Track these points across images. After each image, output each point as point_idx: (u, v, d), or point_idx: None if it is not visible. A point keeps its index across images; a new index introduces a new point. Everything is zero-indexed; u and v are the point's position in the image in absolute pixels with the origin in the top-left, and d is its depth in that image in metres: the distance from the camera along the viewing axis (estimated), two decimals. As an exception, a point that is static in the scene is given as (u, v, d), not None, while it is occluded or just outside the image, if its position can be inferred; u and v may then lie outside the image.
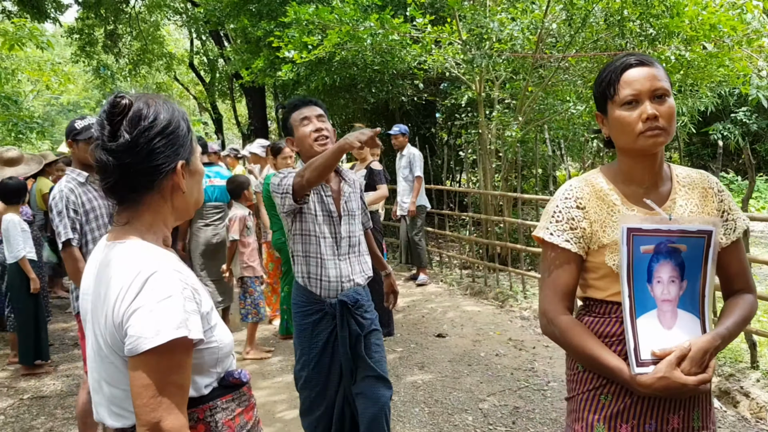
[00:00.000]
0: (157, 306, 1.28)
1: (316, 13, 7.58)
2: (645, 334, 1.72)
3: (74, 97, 32.83)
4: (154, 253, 1.38)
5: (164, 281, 1.31)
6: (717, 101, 12.87)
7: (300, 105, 3.13)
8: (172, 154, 1.43)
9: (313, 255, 3.01)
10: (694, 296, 1.76)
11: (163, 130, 1.42)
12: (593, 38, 7.70)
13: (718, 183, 1.91)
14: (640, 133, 1.75)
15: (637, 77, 1.76)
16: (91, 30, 17.55)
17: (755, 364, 4.61)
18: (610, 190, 1.86)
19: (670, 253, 1.73)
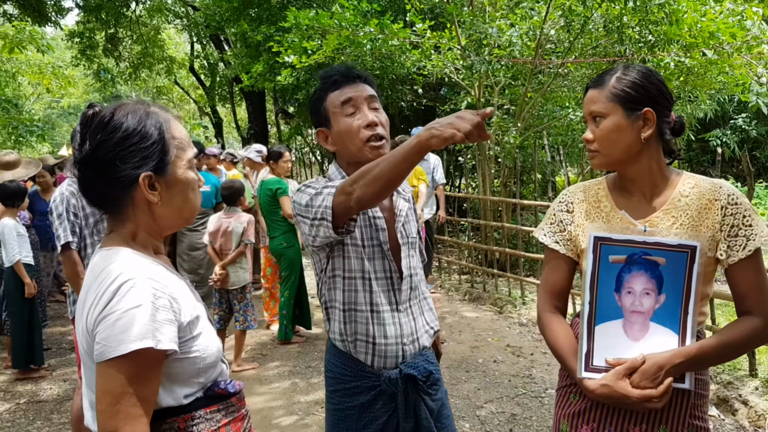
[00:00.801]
0: (124, 315, 1.26)
1: (316, 18, 7.58)
2: (603, 341, 1.74)
3: (75, 101, 32.88)
4: (133, 262, 1.36)
5: (136, 290, 1.29)
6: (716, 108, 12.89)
7: (341, 81, 2.09)
8: (132, 165, 1.38)
9: (361, 306, 2.06)
10: (674, 311, 1.73)
11: (123, 141, 1.38)
12: (592, 44, 7.71)
13: (731, 196, 1.77)
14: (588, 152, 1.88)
15: (586, 101, 1.86)
16: (92, 33, 17.56)
17: (754, 372, 4.59)
18: (605, 197, 1.89)
19: (646, 264, 1.72)
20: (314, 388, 5.08)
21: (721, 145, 13.70)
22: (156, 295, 1.31)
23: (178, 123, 1.48)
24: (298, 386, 5.13)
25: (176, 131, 1.45)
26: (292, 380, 5.26)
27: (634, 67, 1.82)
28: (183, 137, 1.46)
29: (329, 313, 2.14)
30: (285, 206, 6.03)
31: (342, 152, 2.11)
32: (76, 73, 24.12)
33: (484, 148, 8.50)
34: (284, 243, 6.15)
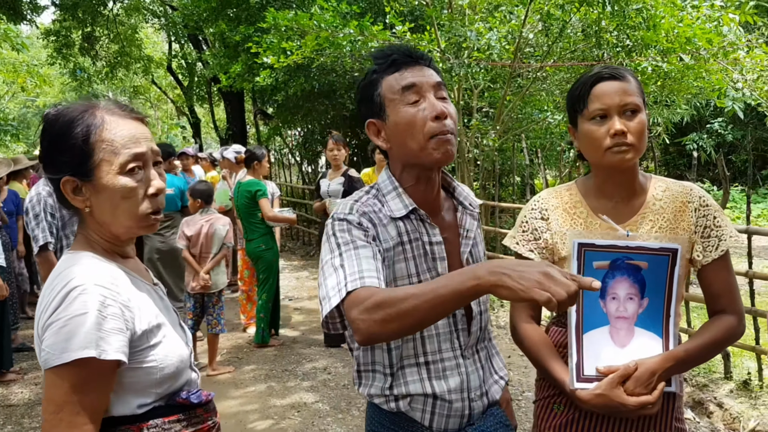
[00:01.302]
0: (69, 322, 1.24)
1: (295, 19, 7.53)
2: (592, 350, 1.70)
3: (51, 99, 32.46)
4: (89, 267, 1.33)
5: (84, 297, 1.26)
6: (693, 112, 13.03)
7: (401, 62, 1.62)
8: (56, 169, 1.38)
9: (414, 357, 1.61)
10: (656, 315, 1.72)
11: (51, 144, 1.39)
12: (571, 48, 7.75)
13: (702, 198, 1.81)
14: (607, 148, 1.71)
15: (607, 91, 1.71)
16: (68, 32, 17.33)
17: (728, 375, 4.63)
18: (579, 202, 1.84)
19: (628, 269, 1.70)
20: (290, 391, 5.03)
21: (697, 149, 13.86)
22: (105, 303, 1.27)
23: (122, 125, 1.39)
24: (274, 390, 5.09)
25: (110, 134, 1.37)
26: (268, 384, 5.22)
27: None
28: (117, 141, 1.37)
29: (362, 377, 1.68)
30: (264, 208, 5.97)
31: (398, 151, 1.64)
32: (52, 71, 23.83)
33: (463, 151, 8.51)
34: (262, 245, 6.09)
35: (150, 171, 1.42)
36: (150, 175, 1.42)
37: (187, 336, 1.56)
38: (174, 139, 27.60)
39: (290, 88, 10.04)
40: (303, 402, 4.82)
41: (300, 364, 5.68)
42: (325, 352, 5.96)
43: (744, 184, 14.84)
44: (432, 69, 1.65)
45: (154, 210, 1.42)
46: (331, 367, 5.53)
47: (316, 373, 5.41)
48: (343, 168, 6.15)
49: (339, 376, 5.30)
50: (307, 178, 15.11)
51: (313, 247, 11.82)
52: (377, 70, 1.66)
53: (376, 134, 1.66)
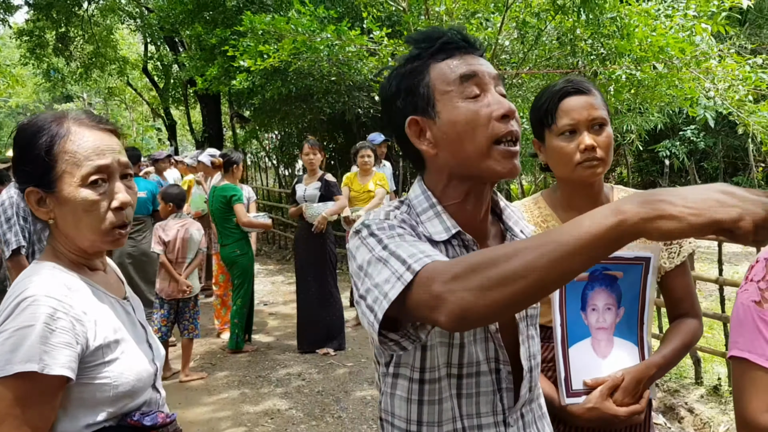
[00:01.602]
0: (14, 334, 1.20)
1: (272, 23, 7.51)
2: (577, 363, 1.69)
3: (23, 100, 32.01)
4: (45, 278, 1.30)
5: (32, 308, 1.23)
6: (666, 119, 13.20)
7: (453, 46, 1.28)
8: (22, 179, 1.37)
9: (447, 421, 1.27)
10: (632, 323, 1.75)
11: (18, 154, 1.37)
12: (546, 56, 7.81)
13: None
14: (578, 163, 1.71)
15: (575, 106, 1.71)
16: (42, 32, 17.12)
17: (699, 380, 4.68)
18: (549, 216, 1.82)
19: (605, 280, 1.71)
20: (263, 398, 5.00)
21: (669, 156, 14.04)
22: (54, 315, 1.24)
23: (88, 136, 1.36)
24: (247, 396, 5.05)
25: (73, 145, 1.34)
26: (241, 390, 5.17)
27: None
28: (80, 152, 1.34)
29: (384, 428, 1.36)
30: (239, 213, 5.94)
31: (449, 156, 1.26)
32: (25, 72, 23.49)
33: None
34: (237, 251, 6.05)
35: (115, 184, 1.38)
36: (115, 188, 1.37)
37: (155, 353, 1.51)
38: (149, 141, 27.38)
39: (267, 91, 10.00)
40: (276, 409, 4.79)
41: (274, 370, 5.64)
42: (299, 358, 5.93)
43: (716, 191, 15.03)
44: (483, 57, 1.32)
45: (119, 224, 1.38)
46: (305, 373, 5.50)
47: (290, 379, 5.38)
48: (319, 173, 6.14)
49: (313, 383, 5.28)
50: (284, 181, 15.07)
51: (289, 251, 11.77)
52: (421, 55, 1.29)
53: (418, 135, 1.29)
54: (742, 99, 6.82)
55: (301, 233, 6.19)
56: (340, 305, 6.17)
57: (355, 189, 6.84)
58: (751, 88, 6.92)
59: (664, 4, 7.53)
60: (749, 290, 1.23)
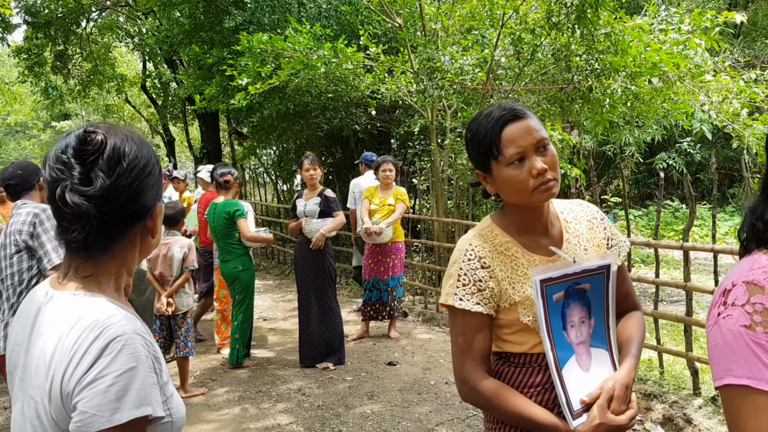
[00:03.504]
0: (119, 379, 1.09)
1: (270, 42, 7.60)
2: (571, 383, 1.71)
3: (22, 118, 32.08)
4: (117, 313, 1.17)
5: (128, 348, 1.12)
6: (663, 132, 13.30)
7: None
8: (153, 195, 1.28)
9: None
10: (600, 331, 1.80)
11: (144, 170, 1.25)
12: (541, 71, 7.90)
13: (598, 211, 1.95)
14: (534, 189, 1.69)
15: (518, 133, 1.70)
16: (40, 50, 17.23)
17: (697, 391, 4.71)
18: (509, 242, 1.79)
19: (577, 294, 1.75)
20: (265, 414, 5.02)
21: (665, 169, 14.11)
22: (146, 354, 1.15)
23: None
24: (248, 412, 5.06)
25: None
26: (242, 406, 5.19)
27: None
28: None
29: None
30: (242, 228, 5.98)
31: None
32: (24, 89, 23.59)
33: (437, 170, 8.60)
34: (239, 266, 6.08)
35: None
36: None
37: None
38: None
39: (265, 109, 10.09)
40: (277, 424, 4.80)
41: (274, 385, 5.66)
42: (300, 372, 5.95)
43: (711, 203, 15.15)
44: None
45: None
46: (305, 388, 5.52)
47: (290, 394, 5.40)
48: (319, 188, 6.20)
49: (314, 397, 5.30)
50: (283, 196, 15.11)
51: (288, 266, 11.80)
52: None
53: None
54: (737, 112, 6.90)
55: (300, 248, 6.22)
56: (340, 320, 6.19)
57: (375, 202, 6.98)
58: (746, 101, 7.00)
59: (658, 19, 7.62)
60: (734, 315, 1.20)
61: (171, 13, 12.20)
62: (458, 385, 1.80)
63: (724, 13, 7.03)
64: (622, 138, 13.11)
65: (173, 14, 12.27)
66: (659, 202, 5.34)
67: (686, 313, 4.84)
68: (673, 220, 14.22)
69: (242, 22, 10.27)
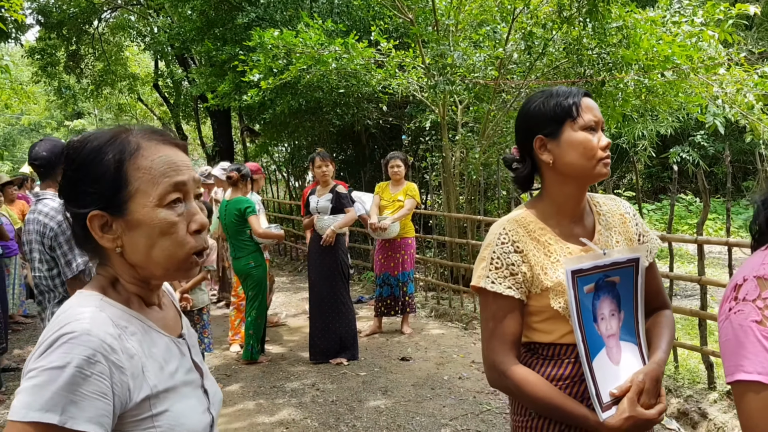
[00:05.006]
0: (41, 374, 1.02)
1: (281, 37, 7.61)
2: (601, 376, 1.69)
3: (35, 117, 32.34)
4: (91, 313, 1.11)
5: (67, 347, 1.04)
6: (676, 125, 13.21)
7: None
8: (82, 202, 1.17)
9: None
10: (630, 325, 1.79)
11: (76, 173, 1.18)
12: (553, 65, 7.86)
13: (630, 207, 1.95)
14: (600, 159, 1.73)
15: (594, 107, 1.76)
16: (53, 50, 17.36)
17: (712, 385, 4.68)
18: (542, 229, 1.79)
19: (607, 287, 1.75)
20: (278, 408, 5.04)
21: (678, 162, 14.03)
22: (93, 359, 1.04)
23: (161, 151, 1.20)
24: (262, 407, 5.09)
25: (146, 161, 1.17)
26: (256, 401, 5.22)
27: None
28: (155, 168, 1.17)
29: None
30: (254, 225, 6.00)
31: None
32: (37, 89, 23.77)
33: (449, 165, 8.59)
34: (252, 263, 6.10)
35: (192, 203, 1.21)
36: (192, 208, 1.21)
37: (211, 399, 1.32)
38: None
39: (277, 105, 10.10)
40: (291, 419, 4.83)
41: (288, 380, 5.69)
42: (313, 368, 5.97)
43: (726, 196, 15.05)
44: None
45: (198, 249, 1.21)
46: (319, 384, 5.54)
47: (304, 389, 5.43)
48: (331, 184, 6.22)
49: (327, 392, 5.32)
50: (295, 193, 15.14)
51: (301, 262, 11.83)
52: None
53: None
54: (751, 105, 6.84)
55: (313, 244, 6.25)
56: (353, 315, 6.21)
57: (386, 198, 7.00)
58: (760, 94, 6.94)
59: (670, 11, 7.57)
60: (744, 310, 1.20)
61: (183, 10, 12.26)
62: (487, 370, 1.79)
63: (737, 5, 6.97)
64: (635, 131, 13.04)
65: (185, 11, 12.32)
66: (673, 195, 5.31)
67: (700, 307, 4.82)
68: (687, 213, 14.13)
69: (255, 18, 10.29)
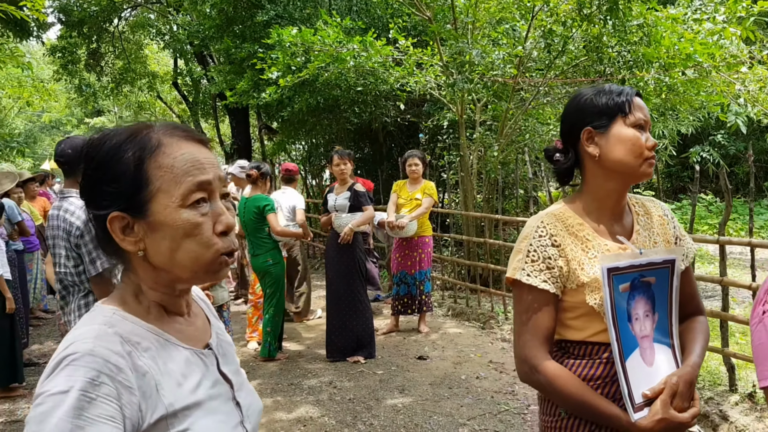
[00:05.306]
0: (47, 399, 0.97)
1: (300, 35, 7.63)
2: (634, 376, 1.67)
3: (56, 115, 32.69)
4: (98, 329, 1.05)
5: (71, 369, 0.98)
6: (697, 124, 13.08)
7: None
8: (102, 204, 1.11)
9: None
10: (664, 327, 1.76)
11: (95, 173, 1.12)
12: (572, 63, 7.81)
13: (668, 209, 1.93)
14: (646, 158, 1.72)
15: (644, 106, 1.76)
16: (74, 48, 17.52)
17: (734, 387, 4.63)
18: (581, 224, 1.78)
19: (642, 287, 1.72)
20: (296, 405, 5.05)
21: (700, 161, 13.89)
22: (97, 380, 0.98)
23: (184, 147, 1.13)
24: (280, 404, 5.11)
25: (168, 158, 1.10)
26: (274, 398, 5.24)
27: None
28: (177, 166, 1.10)
29: None
30: (272, 223, 6.01)
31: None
32: (58, 87, 24.02)
33: (466, 164, 8.56)
34: (270, 260, 6.12)
35: (218, 203, 1.15)
36: (218, 209, 1.14)
37: (245, 412, 1.23)
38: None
39: (295, 103, 10.13)
40: (309, 416, 4.84)
41: (305, 377, 5.70)
42: (330, 366, 5.98)
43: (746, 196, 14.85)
44: None
45: (226, 251, 1.13)
46: (336, 381, 5.55)
47: (321, 387, 5.43)
48: (349, 182, 6.22)
49: (344, 390, 5.33)
50: (312, 191, 15.16)
51: (318, 260, 11.85)
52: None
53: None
54: (774, 103, 6.75)
55: (331, 242, 6.25)
56: (370, 313, 6.21)
57: (403, 196, 6.98)
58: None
59: (692, 9, 7.49)
60: None
61: (202, 7, 12.32)
62: (518, 364, 1.78)
63: (759, 2, 6.88)
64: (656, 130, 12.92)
65: (204, 9, 12.38)
66: (694, 195, 5.26)
67: (722, 308, 4.76)
68: (707, 213, 13.99)
69: (274, 16, 10.32)
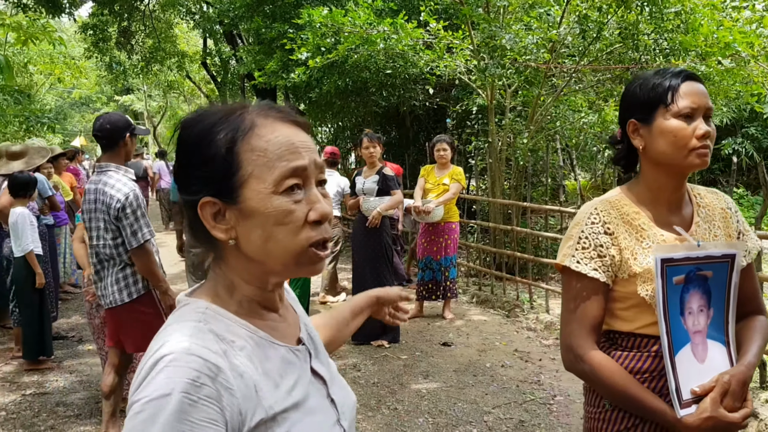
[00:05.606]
0: (146, 406, 0.89)
1: (330, 16, 7.57)
2: (683, 371, 1.61)
3: (86, 92, 33.03)
4: (192, 326, 0.99)
5: (169, 371, 0.91)
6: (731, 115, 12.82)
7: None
8: (194, 189, 1.04)
9: None
10: (719, 323, 1.69)
11: (186, 156, 1.06)
12: (607, 50, 7.67)
13: (732, 203, 1.85)
14: (692, 149, 1.64)
15: (696, 91, 1.65)
16: (105, 26, 17.64)
17: (765, 384, 4.56)
18: (636, 213, 1.72)
19: (698, 281, 1.65)
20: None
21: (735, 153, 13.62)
22: (198, 381, 0.91)
23: (278, 130, 1.04)
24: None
25: (261, 141, 1.02)
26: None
27: None
28: (271, 150, 1.01)
29: None
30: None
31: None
32: (89, 64, 24.23)
33: (495, 150, 8.48)
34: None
35: (313, 190, 1.05)
36: (312, 196, 1.04)
37: (340, 409, 1.16)
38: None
39: (324, 85, 10.09)
40: (333, 398, 4.84)
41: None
42: (354, 349, 5.99)
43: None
44: None
45: (319, 242, 1.04)
46: (360, 365, 5.55)
47: (345, 370, 5.44)
48: (378, 165, 6.18)
49: (369, 374, 5.33)
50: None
51: (344, 243, 11.85)
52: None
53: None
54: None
55: (358, 226, 6.23)
56: (396, 298, 6.18)
57: (431, 181, 6.92)
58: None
59: (731, -4, 7.31)
60: None
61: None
62: (563, 353, 1.75)
63: (803, -10, 6.70)
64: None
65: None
66: (730, 188, 5.15)
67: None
68: (739, 207, 13.75)
69: (306, -5, 10.27)
